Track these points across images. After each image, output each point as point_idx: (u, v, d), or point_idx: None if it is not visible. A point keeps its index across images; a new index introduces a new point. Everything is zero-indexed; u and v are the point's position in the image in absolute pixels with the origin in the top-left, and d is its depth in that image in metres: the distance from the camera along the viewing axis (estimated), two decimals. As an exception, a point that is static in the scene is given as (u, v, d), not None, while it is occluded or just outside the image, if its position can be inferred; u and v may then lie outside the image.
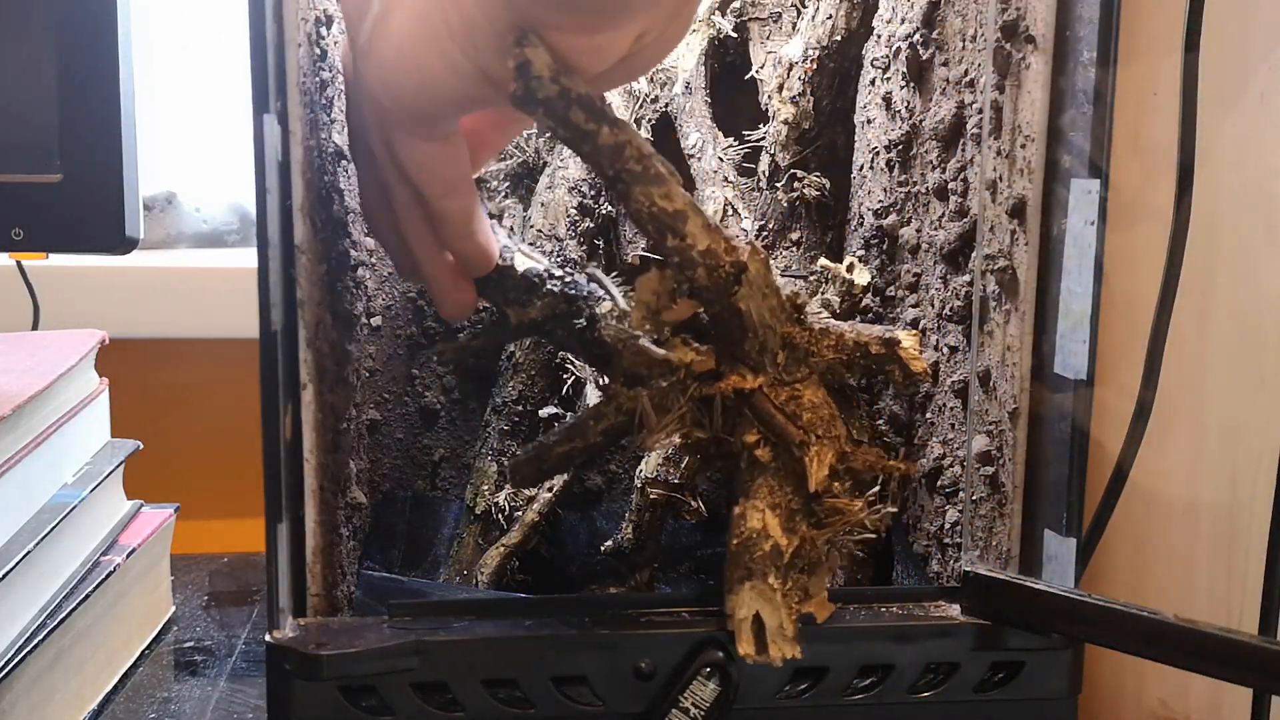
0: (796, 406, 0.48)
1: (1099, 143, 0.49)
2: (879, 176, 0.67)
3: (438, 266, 0.51)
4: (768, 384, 0.48)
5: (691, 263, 0.47)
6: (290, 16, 0.47)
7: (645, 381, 0.49)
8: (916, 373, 0.51)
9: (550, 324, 0.54)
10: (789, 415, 0.48)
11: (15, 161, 0.54)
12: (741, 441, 0.49)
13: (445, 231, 0.50)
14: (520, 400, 0.66)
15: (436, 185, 0.48)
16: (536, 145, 0.68)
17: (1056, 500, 0.51)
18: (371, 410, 0.66)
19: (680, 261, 0.47)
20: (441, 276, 0.52)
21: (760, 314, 0.48)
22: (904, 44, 0.62)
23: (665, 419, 0.48)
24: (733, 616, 0.47)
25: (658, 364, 0.49)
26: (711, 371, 0.48)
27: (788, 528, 0.48)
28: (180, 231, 0.98)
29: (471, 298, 0.53)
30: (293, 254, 0.48)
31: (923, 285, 0.62)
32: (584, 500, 0.69)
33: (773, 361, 0.49)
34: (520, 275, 0.54)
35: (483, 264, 0.52)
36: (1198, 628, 0.44)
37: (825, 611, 0.49)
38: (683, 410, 0.48)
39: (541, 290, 0.54)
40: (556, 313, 0.54)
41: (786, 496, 0.48)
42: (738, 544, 0.48)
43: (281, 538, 0.47)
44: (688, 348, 0.49)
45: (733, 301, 0.47)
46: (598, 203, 0.67)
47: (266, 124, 0.46)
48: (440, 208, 0.49)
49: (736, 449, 0.49)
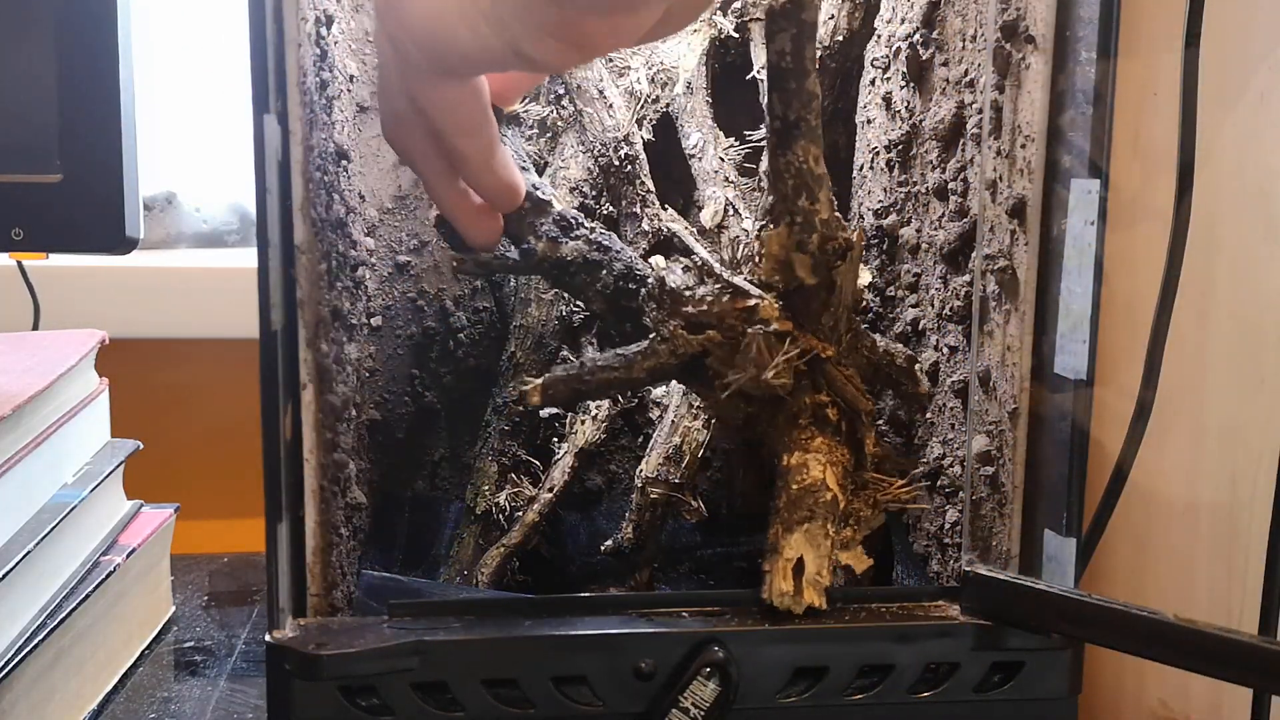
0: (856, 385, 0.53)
1: (1099, 143, 0.49)
2: (879, 176, 0.67)
3: (457, 198, 0.51)
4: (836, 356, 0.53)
5: (812, 227, 0.50)
6: (290, 16, 0.47)
7: (711, 329, 0.51)
8: (923, 393, 0.57)
9: (576, 268, 0.55)
10: (858, 387, 0.52)
11: (15, 161, 0.54)
12: (805, 400, 0.52)
13: (464, 169, 0.50)
14: (521, 400, 0.66)
15: (454, 125, 0.48)
16: (537, 146, 0.68)
17: (1056, 500, 0.51)
18: (371, 410, 0.66)
19: (803, 223, 0.50)
20: (462, 207, 0.52)
21: (846, 293, 0.52)
22: (904, 44, 0.62)
23: (779, 357, 0.50)
24: (778, 556, 0.49)
25: (742, 312, 0.51)
26: (788, 333, 0.51)
27: (842, 486, 0.51)
28: (180, 231, 0.98)
29: (497, 226, 0.53)
30: (293, 254, 0.48)
31: (923, 285, 0.62)
32: (584, 500, 0.69)
33: (838, 340, 0.52)
34: (557, 213, 0.55)
35: (506, 200, 0.52)
36: (1198, 628, 0.44)
37: (862, 564, 0.52)
38: (790, 354, 0.51)
39: (574, 232, 0.55)
40: (587, 259, 0.55)
41: (844, 456, 0.52)
42: (799, 489, 0.50)
43: (281, 538, 0.47)
44: (773, 306, 0.51)
45: (831, 274, 0.51)
46: (599, 203, 0.67)
47: (266, 124, 0.46)
48: (457, 145, 0.48)
49: (797, 407, 0.52)
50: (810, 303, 0.52)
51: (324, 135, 0.54)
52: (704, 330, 0.52)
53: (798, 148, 0.50)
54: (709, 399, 0.55)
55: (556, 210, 0.55)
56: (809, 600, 0.49)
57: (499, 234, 0.54)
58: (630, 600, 0.53)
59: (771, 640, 0.50)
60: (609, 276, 0.56)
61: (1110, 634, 0.48)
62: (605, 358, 0.54)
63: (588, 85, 0.65)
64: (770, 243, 0.51)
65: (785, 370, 0.51)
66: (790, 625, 0.50)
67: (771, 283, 0.52)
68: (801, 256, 0.51)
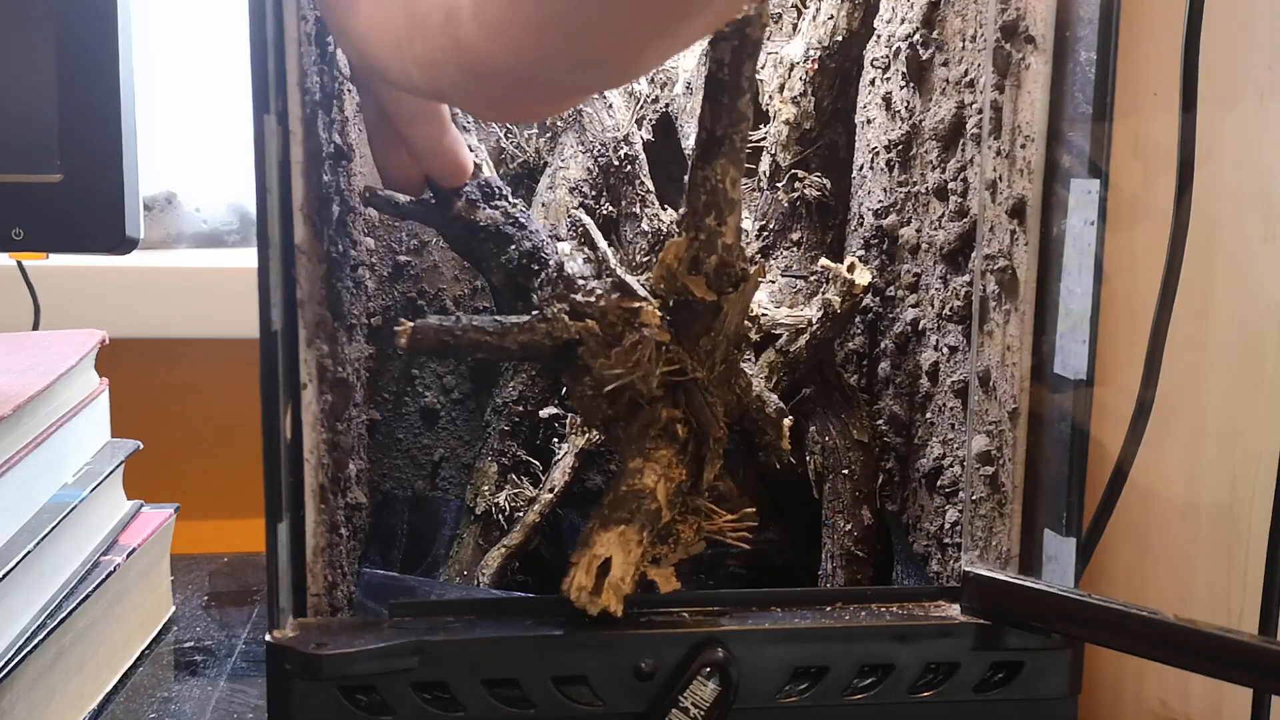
0: (714, 412, 0.53)
1: (1099, 143, 0.49)
2: (879, 176, 0.67)
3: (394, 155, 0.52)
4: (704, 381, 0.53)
5: (713, 248, 0.50)
6: (290, 16, 0.47)
7: (591, 320, 0.51)
8: (783, 449, 0.58)
9: (486, 235, 0.56)
10: (715, 415, 0.52)
11: (15, 161, 0.54)
12: (663, 413, 0.52)
13: (411, 150, 0.51)
14: (520, 400, 0.66)
15: (400, 114, 0.49)
16: (537, 146, 0.68)
17: (1056, 500, 0.51)
18: (371, 410, 0.66)
19: (705, 241, 0.50)
20: (394, 161, 0.52)
21: (731, 323, 0.52)
22: (904, 44, 0.62)
23: (660, 368, 0.51)
24: (587, 550, 0.48)
25: (625, 312, 0.51)
26: (664, 343, 0.51)
27: (670, 501, 0.51)
28: (180, 231, 0.98)
29: (422, 181, 0.54)
30: (293, 254, 0.48)
31: (923, 285, 0.62)
32: (584, 500, 0.69)
33: (711, 367, 0.52)
34: (483, 179, 0.56)
35: (451, 178, 0.53)
36: (1198, 628, 0.44)
37: (668, 586, 0.51)
38: (671, 369, 0.51)
39: (494, 201, 0.56)
40: (500, 229, 0.56)
41: (682, 475, 0.52)
42: (627, 490, 0.50)
43: (281, 538, 0.47)
44: (655, 313, 0.51)
45: (720, 300, 0.50)
46: (599, 203, 0.67)
47: (266, 124, 0.46)
48: (404, 132, 0.50)
49: (652, 418, 0.52)
50: (694, 322, 0.51)
51: (324, 135, 0.54)
52: (584, 319, 0.51)
53: (717, 165, 0.49)
54: (575, 392, 0.54)
55: (484, 176, 0.56)
56: (605, 603, 0.47)
57: (423, 186, 0.54)
58: (630, 600, 0.53)
59: (771, 640, 0.50)
60: (515, 252, 0.56)
61: (1110, 634, 0.48)
62: (483, 320, 0.52)
63: (588, 85, 0.65)
64: (667, 251, 0.50)
65: (661, 380, 0.51)
66: (790, 625, 0.50)
67: (658, 290, 0.51)
68: (695, 277, 0.50)
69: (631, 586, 0.49)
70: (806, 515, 0.65)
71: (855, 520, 0.62)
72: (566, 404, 0.66)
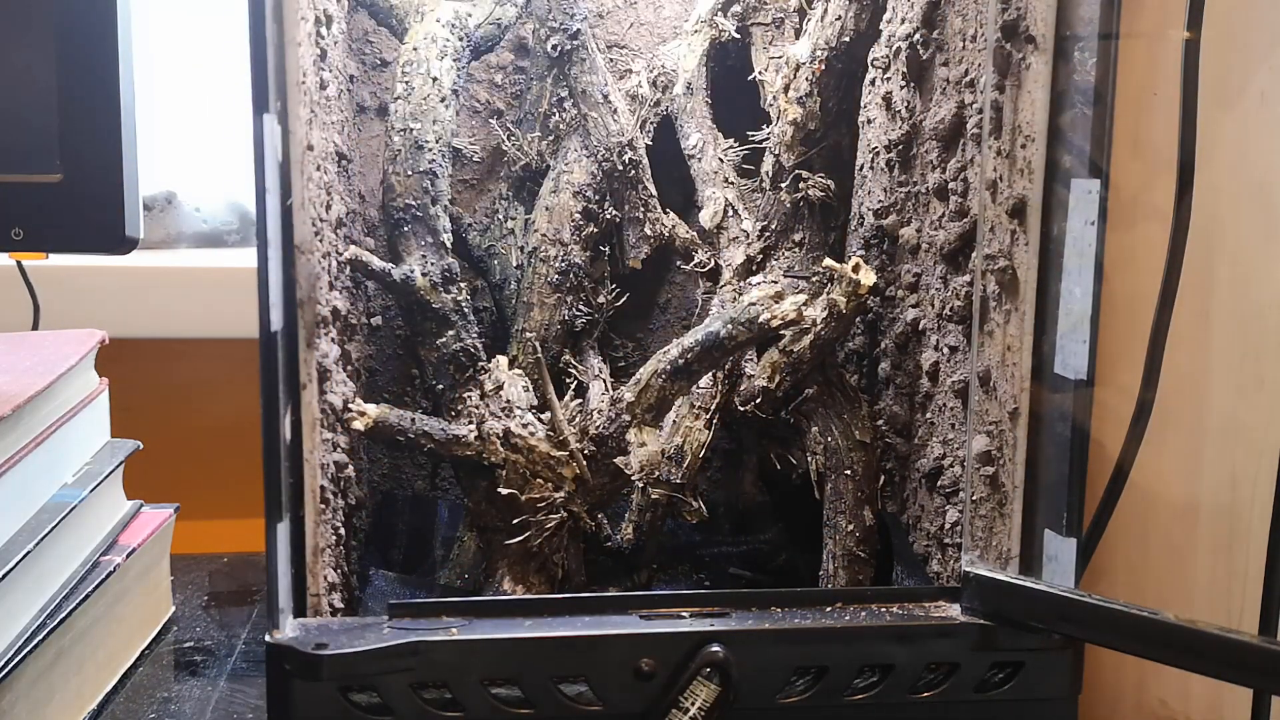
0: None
1: (1099, 143, 0.49)
2: (879, 176, 0.67)
3: None
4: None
5: (532, 454, 0.59)
6: (290, 16, 0.47)
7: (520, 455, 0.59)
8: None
9: (430, 315, 0.60)
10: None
11: (15, 161, 0.54)
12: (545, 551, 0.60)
13: None
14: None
15: None
16: (540, 149, 0.68)
17: (1056, 500, 0.51)
18: (372, 410, 0.66)
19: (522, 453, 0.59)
20: None
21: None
22: (904, 44, 0.62)
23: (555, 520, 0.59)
24: None
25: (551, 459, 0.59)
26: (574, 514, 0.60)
27: None
28: (180, 231, 0.98)
29: None
30: (293, 254, 0.48)
31: (923, 285, 0.62)
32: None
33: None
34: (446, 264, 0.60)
35: None
36: (1198, 628, 0.44)
37: None
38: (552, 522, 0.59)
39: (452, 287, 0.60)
40: (446, 316, 0.60)
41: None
42: None
43: (281, 538, 0.47)
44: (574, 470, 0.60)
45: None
46: (602, 207, 0.66)
47: (266, 124, 0.46)
48: None
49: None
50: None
51: (324, 135, 0.54)
52: (516, 452, 0.59)
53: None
54: (472, 499, 0.61)
55: (448, 261, 0.60)
56: None
57: None
58: (630, 600, 0.53)
59: (771, 640, 0.50)
60: (453, 343, 0.60)
61: (1110, 634, 0.48)
62: (430, 424, 0.60)
63: (592, 90, 0.65)
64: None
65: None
66: (790, 625, 0.50)
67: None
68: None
69: None
70: (807, 515, 0.65)
71: (857, 521, 0.62)
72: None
